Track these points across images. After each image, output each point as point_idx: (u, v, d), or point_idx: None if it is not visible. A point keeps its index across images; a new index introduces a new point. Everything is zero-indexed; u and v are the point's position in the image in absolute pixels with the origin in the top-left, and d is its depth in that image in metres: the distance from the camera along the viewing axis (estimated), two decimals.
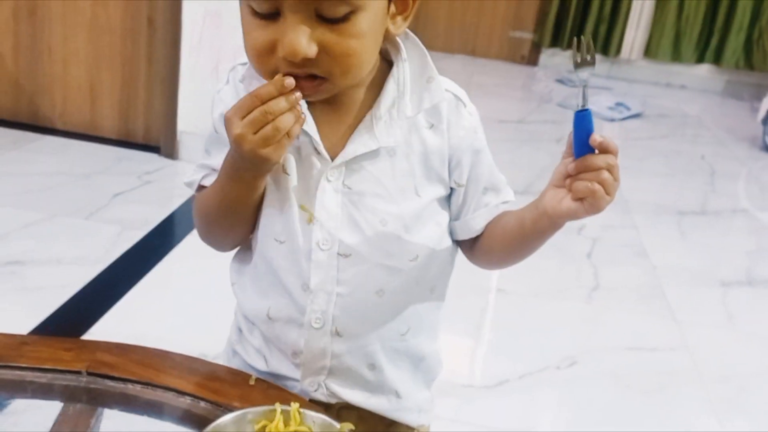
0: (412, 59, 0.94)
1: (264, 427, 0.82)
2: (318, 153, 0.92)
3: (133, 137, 3.46)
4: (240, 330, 1.06)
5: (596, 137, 0.84)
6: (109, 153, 3.35)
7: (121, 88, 3.41)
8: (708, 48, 5.99)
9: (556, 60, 6.29)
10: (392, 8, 0.89)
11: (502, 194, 1.02)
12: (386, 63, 0.95)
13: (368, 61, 0.88)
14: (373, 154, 0.92)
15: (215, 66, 3.40)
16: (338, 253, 0.93)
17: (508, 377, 2.23)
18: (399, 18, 0.90)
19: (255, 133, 0.82)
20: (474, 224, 1.01)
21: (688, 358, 2.40)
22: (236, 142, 0.84)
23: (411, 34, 0.95)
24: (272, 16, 0.82)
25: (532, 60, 6.33)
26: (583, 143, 0.85)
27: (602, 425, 2.05)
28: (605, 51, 6.10)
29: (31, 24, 3.35)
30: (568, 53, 6.22)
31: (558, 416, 2.09)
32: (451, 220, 1.01)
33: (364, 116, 0.92)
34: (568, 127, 3.50)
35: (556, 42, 6.19)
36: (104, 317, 2.21)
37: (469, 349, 2.39)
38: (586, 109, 0.84)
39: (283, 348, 0.99)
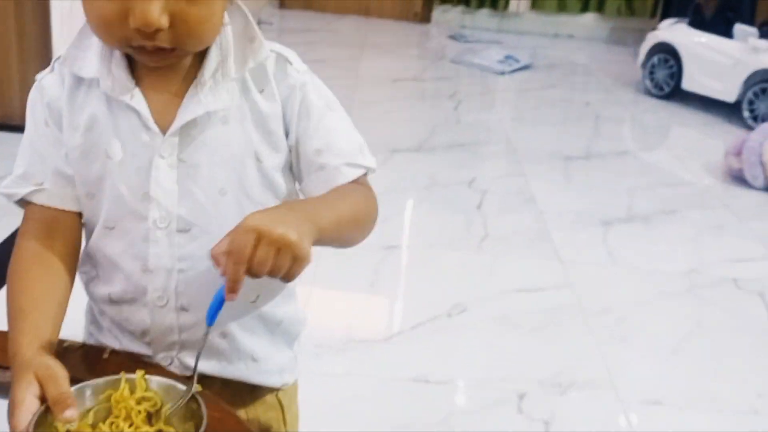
0: (235, 22, 0.91)
1: (109, 396, 0.80)
2: (148, 128, 0.89)
3: (10, 119, 3.31)
4: (92, 312, 1.04)
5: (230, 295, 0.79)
6: None
7: None
8: None
9: (448, 16, 6.34)
10: None
11: (344, 156, 0.95)
12: None
13: (217, 28, 0.87)
14: (204, 123, 0.90)
15: None
16: (177, 230, 0.92)
17: (401, 328, 2.28)
18: None
19: None
20: (311, 189, 0.96)
21: (572, 295, 2.50)
22: None
23: None
24: None
25: (425, 17, 6.36)
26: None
27: (493, 365, 2.13)
28: (494, 5, 6.18)
29: None
30: (460, 9, 6.28)
31: (450, 361, 2.15)
32: (297, 182, 0.99)
33: (191, 82, 0.90)
34: (460, 83, 3.61)
35: None
36: None
37: (364, 305, 2.43)
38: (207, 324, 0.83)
39: (132, 329, 0.98)
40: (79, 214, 0.97)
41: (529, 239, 2.88)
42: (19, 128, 3.23)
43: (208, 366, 0.98)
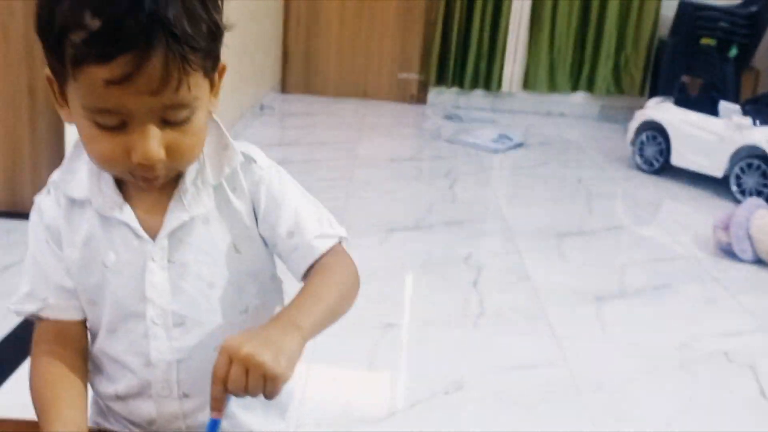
0: (209, 132, 1.00)
1: None
2: (139, 237, 0.99)
3: (22, 207, 3.44)
4: (98, 405, 1.12)
5: (214, 413, 0.87)
6: None
7: (5, 159, 3.41)
8: (581, 77, 6.33)
9: (442, 98, 6.52)
10: None
11: (313, 231, 1.03)
12: None
13: (202, 147, 0.97)
14: (189, 227, 0.99)
15: None
16: (173, 324, 1.01)
17: (398, 407, 2.34)
18: (212, 97, 0.97)
19: None
20: (294, 269, 1.05)
21: (566, 371, 2.56)
22: None
23: None
24: (118, 127, 0.87)
25: (420, 99, 6.55)
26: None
27: None
28: (487, 86, 6.37)
29: None
30: (454, 90, 6.47)
31: None
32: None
33: (173, 193, 0.99)
34: (456, 162, 3.73)
35: (441, 80, 6.42)
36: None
37: (361, 384, 2.48)
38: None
39: (138, 420, 1.06)
40: (84, 321, 1.06)
41: (524, 316, 2.95)
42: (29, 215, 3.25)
43: None
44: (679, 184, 4.71)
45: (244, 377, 0.83)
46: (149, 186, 0.95)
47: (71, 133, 3.27)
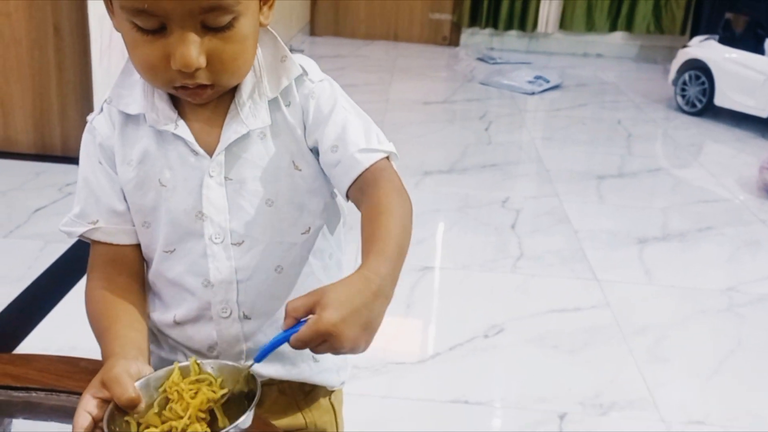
0: (265, 45, 0.96)
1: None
2: (195, 153, 0.95)
3: (51, 150, 3.41)
4: (154, 334, 1.07)
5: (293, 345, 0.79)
6: (26, 168, 3.30)
7: (33, 101, 3.36)
8: (620, 16, 6.14)
9: (476, 39, 6.37)
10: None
11: (357, 144, 0.95)
12: None
13: (250, 62, 0.92)
14: (246, 142, 0.95)
15: None
16: (231, 243, 0.96)
17: (438, 350, 2.28)
18: (265, 8, 0.93)
19: None
20: (339, 185, 0.97)
21: (609, 314, 2.49)
22: None
23: None
24: (158, 30, 0.84)
25: (453, 40, 6.41)
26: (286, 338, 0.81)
27: (532, 386, 2.12)
28: (522, 26, 6.21)
29: None
30: (488, 31, 6.31)
31: (489, 382, 2.14)
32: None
33: (230, 107, 0.95)
34: (490, 104, 3.63)
35: (474, 21, 6.27)
36: (33, 333, 2.19)
37: (401, 327, 2.43)
38: (253, 362, 0.83)
39: (197, 346, 1.02)
40: (138, 245, 1.02)
41: (564, 259, 2.87)
42: (59, 159, 3.32)
43: (273, 370, 1.03)
44: (723, 125, 4.56)
45: (324, 347, 0.78)
46: (195, 100, 0.91)
47: (99, 74, 3.22)
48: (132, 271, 1.01)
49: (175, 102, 0.95)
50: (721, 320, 2.52)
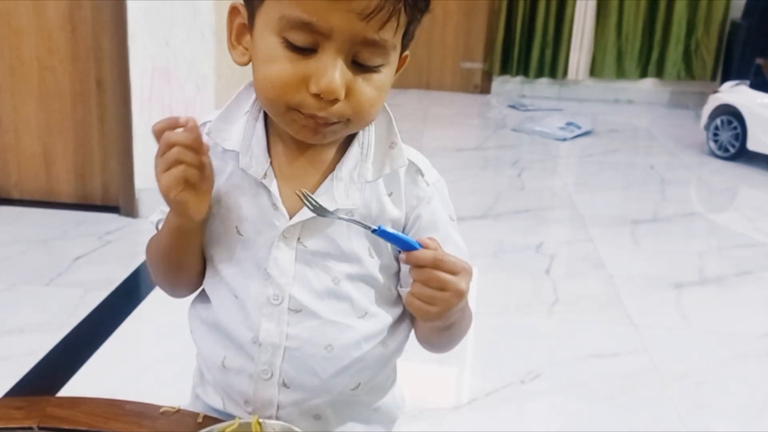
0: (379, 123, 0.95)
1: None
2: (276, 209, 0.93)
3: (91, 199, 3.49)
4: (201, 373, 1.08)
5: (405, 257, 0.84)
6: (67, 217, 3.38)
7: (75, 152, 3.45)
8: (650, 63, 6.17)
9: (507, 87, 6.43)
10: None
11: None
12: None
13: (378, 113, 0.90)
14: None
15: None
16: (288, 308, 0.95)
17: (474, 396, 2.27)
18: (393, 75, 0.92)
19: (165, 171, 0.86)
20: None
21: (648, 360, 2.47)
22: (157, 183, 0.88)
23: None
24: (308, 51, 0.82)
25: (484, 88, 6.47)
26: (403, 246, 0.86)
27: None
28: (553, 74, 6.26)
29: None
30: (519, 79, 6.37)
31: (527, 429, 2.13)
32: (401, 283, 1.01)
33: (326, 176, 0.93)
34: (522, 150, 3.63)
35: (505, 69, 6.33)
36: (72, 380, 2.22)
37: (436, 373, 2.43)
38: (378, 228, 0.85)
39: (235, 396, 1.02)
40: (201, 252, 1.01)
41: (600, 304, 2.86)
42: (100, 208, 3.37)
43: None
44: (757, 170, 4.54)
45: (440, 287, 0.83)
46: (311, 133, 0.87)
47: (139, 126, 3.30)
48: (199, 251, 1.00)
49: (270, 151, 0.93)
50: (762, 365, 2.48)
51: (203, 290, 1.03)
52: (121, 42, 3.20)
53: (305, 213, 0.90)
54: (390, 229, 0.85)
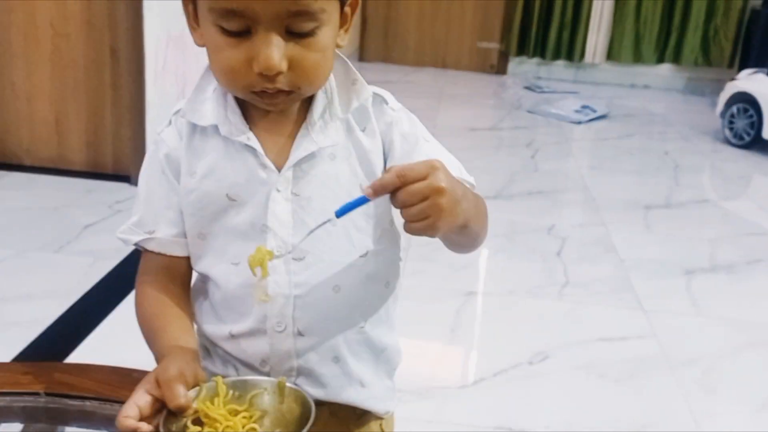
0: (335, 67, 0.98)
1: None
2: (265, 166, 0.96)
3: (103, 168, 3.48)
4: (205, 347, 1.07)
5: (370, 192, 0.83)
6: (78, 185, 3.37)
7: (88, 120, 3.44)
8: (667, 48, 6.10)
9: (523, 68, 6.38)
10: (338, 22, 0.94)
11: None
12: None
13: (328, 73, 0.94)
14: (315, 161, 0.97)
15: (181, 90, 3.44)
16: (293, 258, 0.97)
17: (482, 375, 2.27)
18: (342, 31, 0.95)
19: None
20: None
21: (657, 345, 2.45)
22: None
23: None
24: (243, 33, 0.86)
25: (500, 69, 6.42)
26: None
27: (577, 415, 2.10)
28: (569, 56, 6.20)
29: None
30: (535, 60, 6.32)
31: (533, 410, 2.12)
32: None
33: (300, 125, 0.97)
34: (537, 132, 3.62)
35: (522, 50, 6.28)
36: (79, 348, 2.22)
37: (445, 351, 2.43)
38: (336, 212, 0.86)
39: (250, 360, 1.02)
40: (188, 258, 1.03)
41: (610, 288, 2.84)
42: (111, 177, 3.38)
43: (321, 392, 1.02)
44: None
45: (420, 198, 0.82)
46: (271, 105, 0.93)
47: (152, 95, 3.28)
48: (184, 281, 1.03)
49: (246, 118, 0.97)
50: None
51: (199, 277, 1.05)
52: (136, 10, 3.18)
53: (292, 160, 0.96)
54: (342, 204, 0.86)
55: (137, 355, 1.01)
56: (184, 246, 1.02)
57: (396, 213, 1.02)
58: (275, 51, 0.86)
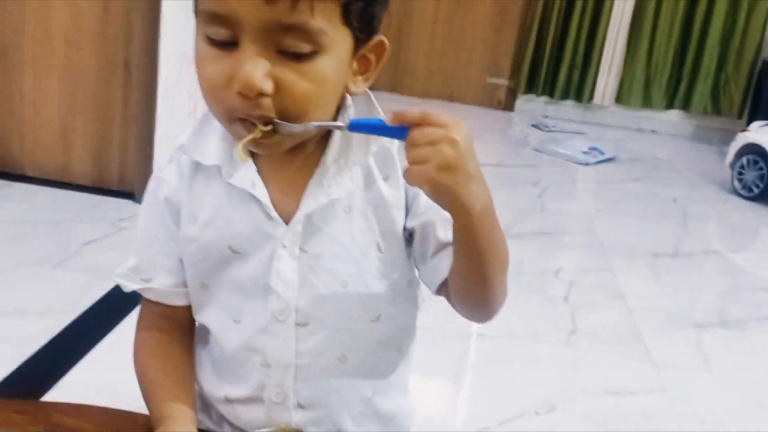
0: (358, 104, 0.88)
1: None
2: (270, 218, 0.87)
3: (107, 183, 3.42)
4: (201, 401, 1.01)
5: (392, 117, 0.77)
6: (81, 199, 3.30)
7: (95, 133, 3.38)
8: (677, 94, 6.09)
9: (531, 105, 6.36)
10: (354, 65, 0.84)
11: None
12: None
13: (323, 109, 0.82)
14: (328, 214, 0.87)
15: (193, 108, 3.39)
16: (296, 323, 0.89)
17: (487, 424, 2.20)
18: (360, 78, 0.85)
19: None
20: (440, 266, 0.91)
21: (666, 401, 2.39)
22: None
23: None
24: (230, 45, 0.76)
25: (508, 105, 6.40)
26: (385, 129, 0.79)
27: None
28: (578, 97, 6.18)
29: (1, 66, 3.32)
30: (543, 99, 6.30)
31: None
32: (418, 269, 0.94)
33: (314, 171, 0.87)
34: (544, 171, 3.54)
35: (531, 88, 6.26)
36: (73, 370, 2.15)
37: (449, 396, 2.36)
38: (350, 123, 0.79)
39: (244, 426, 0.96)
40: (189, 306, 0.96)
41: (618, 337, 2.78)
42: (115, 193, 3.30)
43: None
44: None
45: (430, 140, 0.74)
46: (258, 148, 0.81)
47: (162, 110, 3.23)
48: (184, 328, 0.97)
49: (255, 158, 0.87)
50: None
51: (201, 326, 0.98)
52: (153, 25, 3.13)
53: (301, 213, 0.85)
54: (362, 119, 0.79)
55: (130, 381, 0.95)
56: (184, 296, 0.95)
57: (415, 273, 0.95)
58: (258, 67, 0.74)
